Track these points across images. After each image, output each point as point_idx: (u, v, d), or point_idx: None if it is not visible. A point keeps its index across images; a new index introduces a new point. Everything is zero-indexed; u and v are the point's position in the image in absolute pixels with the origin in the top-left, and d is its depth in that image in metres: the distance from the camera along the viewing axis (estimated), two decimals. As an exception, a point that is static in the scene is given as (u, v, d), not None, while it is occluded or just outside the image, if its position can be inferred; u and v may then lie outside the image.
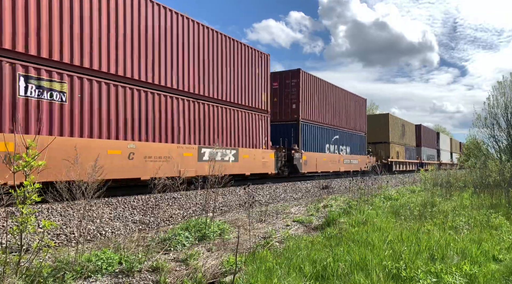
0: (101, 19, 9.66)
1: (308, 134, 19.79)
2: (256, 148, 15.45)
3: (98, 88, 9.53)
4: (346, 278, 4.51)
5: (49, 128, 8.52)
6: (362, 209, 9.27)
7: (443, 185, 13.61)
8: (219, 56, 13.59)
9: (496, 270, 4.93)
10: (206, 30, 13.07)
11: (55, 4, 8.67)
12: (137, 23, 10.58)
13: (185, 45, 12.16)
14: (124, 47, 10.23)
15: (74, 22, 9.02)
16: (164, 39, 11.42)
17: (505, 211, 9.34)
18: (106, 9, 9.76)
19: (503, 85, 17.51)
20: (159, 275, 4.63)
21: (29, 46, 8.20)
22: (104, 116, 9.68)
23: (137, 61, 10.55)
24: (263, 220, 8.48)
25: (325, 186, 17.05)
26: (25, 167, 3.78)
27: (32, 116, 8.19)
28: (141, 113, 10.63)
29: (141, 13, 10.73)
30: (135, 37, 10.52)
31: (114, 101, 9.93)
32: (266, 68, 16.38)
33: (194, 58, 12.50)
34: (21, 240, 3.88)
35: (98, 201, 8.30)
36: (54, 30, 8.65)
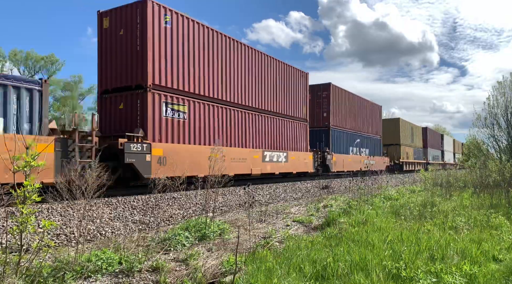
0: (205, 65, 13.51)
1: (337, 139, 23.07)
2: (300, 151, 19.18)
3: (202, 108, 13.25)
4: (346, 278, 4.51)
5: (178, 138, 12.17)
6: (362, 209, 9.27)
7: (443, 185, 13.61)
8: (273, 77, 17.45)
9: (496, 270, 4.93)
10: (266, 57, 17.00)
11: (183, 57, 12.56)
12: (225, 63, 14.41)
13: (253, 72, 16.06)
14: (217, 79, 14.03)
15: (193, 68, 12.94)
16: (243, 70, 15.39)
17: (505, 211, 9.34)
18: (207, 60, 13.59)
19: (503, 85, 17.50)
20: (159, 275, 4.63)
21: (167, 82, 11.94)
22: (206, 129, 13.36)
23: (225, 87, 14.34)
24: (263, 220, 8.48)
25: (325, 185, 17.05)
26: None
27: (169, 130, 11.88)
28: (226, 125, 14.30)
29: (229, 54, 14.62)
30: (224, 73, 14.33)
31: (212, 117, 13.65)
32: (306, 84, 20.47)
33: (258, 81, 16.32)
34: (21, 240, 3.88)
35: (99, 201, 8.30)
36: (181, 71, 12.48)
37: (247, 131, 15.34)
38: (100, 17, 12.42)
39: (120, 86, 11.84)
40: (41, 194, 4.28)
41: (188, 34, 12.71)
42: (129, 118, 11.49)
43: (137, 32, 11.45)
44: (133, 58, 11.54)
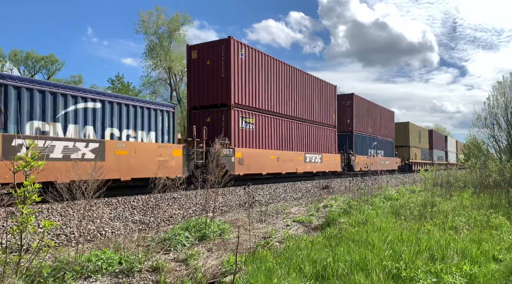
0: (266, 86, 17.41)
1: (358, 142, 26.68)
2: (331, 153, 23.24)
3: (264, 119, 17.10)
4: (346, 278, 4.51)
5: (249, 143, 16.05)
6: (362, 209, 9.27)
7: (443, 185, 13.60)
8: (311, 90, 21.47)
9: (496, 270, 4.93)
10: (305, 75, 20.98)
11: (251, 80, 16.44)
12: (279, 82, 18.37)
13: (297, 88, 20.01)
14: (273, 96, 17.89)
15: (258, 88, 16.77)
16: (290, 87, 19.30)
17: (505, 211, 9.33)
18: (267, 81, 17.52)
19: (503, 85, 17.47)
20: (159, 275, 4.63)
21: (243, 101, 15.79)
22: (267, 136, 17.23)
23: (279, 102, 18.27)
24: (263, 220, 8.47)
25: (325, 186, 17.05)
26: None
27: (243, 137, 15.78)
28: (280, 133, 18.24)
29: (281, 75, 18.59)
30: (278, 90, 18.27)
31: (271, 127, 17.56)
32: (334, 95, 24.45)
33: (300, 95, 20.23)
34: (21, 240, 3.88)
35: (98, 201, 8.30)
36: (251, 92, 16.32)
37: (293, 137, 19.40)
38: (189, 49, 16.54)
39: (206, 104, 15.80)
40: (41, 194, 4.28)
41: (254, 62, 16.60)
42: (215, 129, 15.04)
43: (222, 62, 15.37)
44: (219, 83, 15.41)
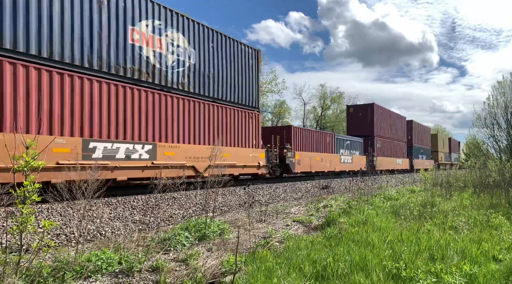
0: None
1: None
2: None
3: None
4: (346, 278, 4.51)
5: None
6: (362, 209, 9.27)
7: (443, 185, 13.60)
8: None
9: (496, 270, 4.93)
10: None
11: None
12: None
13: None
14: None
15: None
16: None
17: (505, 211, 9.34)
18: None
19: (503, 85, 17.47)
20: (159, 275, 4.63)
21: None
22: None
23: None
24: (263, 220, 8.47)
25: (325, 186, 17.05)
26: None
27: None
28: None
29: None
30: None
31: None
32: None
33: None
34: (21, 240, 3.88)
35: (99, 200, 8.30)
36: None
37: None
38: (348, 108, 31.46)
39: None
40: (41, 194, 4.28)
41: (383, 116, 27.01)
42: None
43: (369, 115, 28.01)
44: (366, 126, 28.87)
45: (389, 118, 32.28)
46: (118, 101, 10.42)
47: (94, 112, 9.78)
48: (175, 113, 12.18)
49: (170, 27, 12.12)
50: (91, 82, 9.73)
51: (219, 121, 14.06)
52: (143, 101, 11.11)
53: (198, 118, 13.06)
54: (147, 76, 11.37)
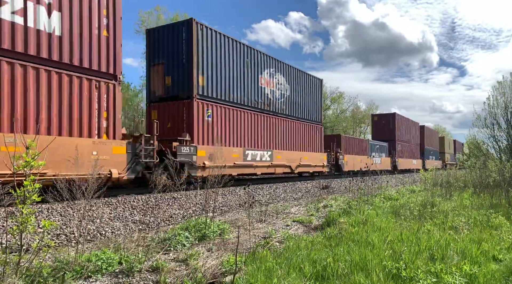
0: None
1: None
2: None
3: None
4: (346, 278, 4.51)
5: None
6: (362, 209, 9.27)
7: (443, 185, 13.60)
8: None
9: (496, 270, 4.93)
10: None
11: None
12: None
13: None
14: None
15: None
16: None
17: (505, 211, 9.33)
18: None
19: (503, 85, 17.47)
20: (159, 275, 4.63)
21: None
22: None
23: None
24: (263, 220, 8.47)
25: (325, 186, 17.05)
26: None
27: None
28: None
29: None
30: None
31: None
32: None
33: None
34: (21, 240, 3.88)
35: (99, 201, 8.30)
36: None
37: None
38: (373, 116, 35.68)
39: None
40: (41, 194, 4.28)
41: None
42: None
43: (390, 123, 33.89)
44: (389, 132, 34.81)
45: (407, 125, 38.28)
46: (255, 124, 16.47)
47: (247, 131, 15.94)
48: (280, 130, 18.37)
49: (277, 71, 18.40)
50: (244, 113, 15.89)
51: (301, 133, 20.31)
52: (266, 122, 17.29)
53: (290, 132, 19.26)
54: (267, 106, 17.47)
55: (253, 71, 16.48)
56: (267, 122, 17.33)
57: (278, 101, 18.36)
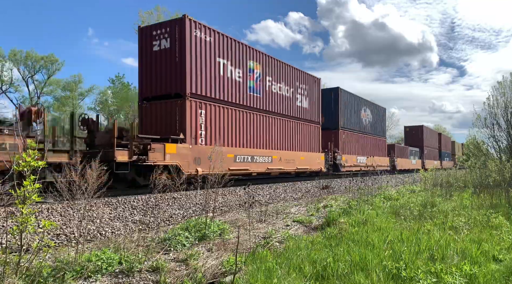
0: None
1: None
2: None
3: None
4: (346, 278, 4.51)
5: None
6: (362, 209, 9.27)
7: (443, 185, 13.60)
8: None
9: (496, 270, 4.93)
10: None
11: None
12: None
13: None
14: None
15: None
16: None
17: (505, 211, 9.33)
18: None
19: (503, 85, 17.46)
20: (159, 275, 4.63)
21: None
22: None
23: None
24: (263, 220, 8.47)
25: (325, 186, 17.05)
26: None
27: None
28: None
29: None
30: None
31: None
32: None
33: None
34: (21, 240, 3.88)
35: (99, 201, 8.30)
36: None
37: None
38: (405, 128, 48.02)
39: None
40: (41, 194, 4.28)
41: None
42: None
43: (419, 133, 45.33)
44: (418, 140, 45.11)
45: (430, 134, 48.85)
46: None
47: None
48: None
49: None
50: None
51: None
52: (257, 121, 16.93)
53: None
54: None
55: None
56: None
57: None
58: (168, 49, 13.43)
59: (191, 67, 13.18)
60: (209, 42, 14.08)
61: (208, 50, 14.03)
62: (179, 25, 13.13)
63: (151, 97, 13.95)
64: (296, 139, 19.81)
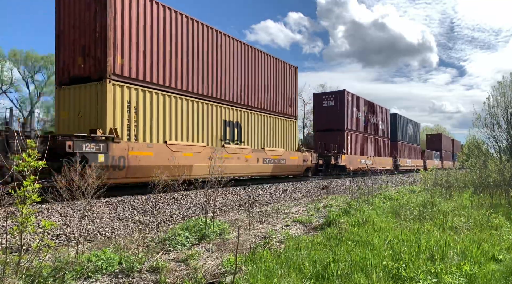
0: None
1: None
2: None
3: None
4: (346, 278, 4.51)
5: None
6: (362, 209, 9.26)
7: (443, 185, 13.60)
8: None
9: (496, 270, 4.93)
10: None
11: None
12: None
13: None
14: None
15: None
16: None
17: (505, 211, 9.33)
18: None
19: (503, 86, 17.46)
20: (159, 275, 4.63)
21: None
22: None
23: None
24: (263, 220, 8.47)
25: (325, 186, 17.05)
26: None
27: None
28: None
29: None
30: None
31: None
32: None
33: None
34: (21, 240, 3.88)
35: (99, 201, 8.30)
36: None
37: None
38: (427, 136, 59.56)
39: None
40: (41, 194, 4.28)
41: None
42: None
43: (439, 140, 55.93)
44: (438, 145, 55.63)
45: (446, 139, 57.64)
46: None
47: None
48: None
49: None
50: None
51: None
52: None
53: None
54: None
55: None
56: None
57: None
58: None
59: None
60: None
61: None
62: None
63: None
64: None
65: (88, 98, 10.81)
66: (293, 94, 19.95)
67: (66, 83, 11.29)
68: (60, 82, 11.42)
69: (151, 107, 11.61)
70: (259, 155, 16.57)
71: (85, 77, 10.86)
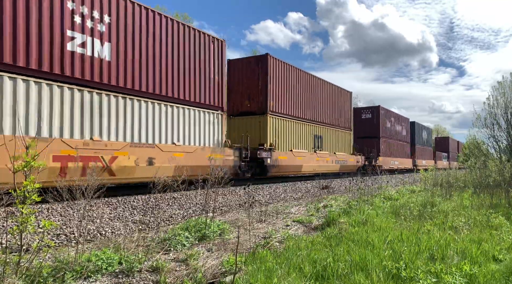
0: None
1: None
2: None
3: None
4: (346, 278, 4.51)
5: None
6: (362, 209, 9.27)
7: (443, 185, 13.60)
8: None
9: (496, 270, 4.93)
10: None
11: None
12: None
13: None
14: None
15: None
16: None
17: (505, 211, 9.34)
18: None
19: (503, 86, 17.47)
20: (159, 275, 4.63)
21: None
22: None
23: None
24: (263, 220, 8.47)
25: (325, 186, 17.06)
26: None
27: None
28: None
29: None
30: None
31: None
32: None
33: None
34: (21, 240, 3.88)
35: (99, 201, 8.30)
36: None
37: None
38: (435, 139, 61.71)
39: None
40: (41, 194, 4.29)
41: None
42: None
43: (447, 143, 60.17)
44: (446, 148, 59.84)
45: (452, 142, 61.28)
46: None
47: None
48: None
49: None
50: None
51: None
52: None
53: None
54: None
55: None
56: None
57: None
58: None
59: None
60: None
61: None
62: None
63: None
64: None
65: (253, 125, 17.44)
66: (349, 112, 26.55)
67: (235, 115, 18.02)
68: (231, 115, 17.97)
69: (285, 130, 18.64)
70: (333, 158, 23.25)
71: (250, 112, 17.79)
